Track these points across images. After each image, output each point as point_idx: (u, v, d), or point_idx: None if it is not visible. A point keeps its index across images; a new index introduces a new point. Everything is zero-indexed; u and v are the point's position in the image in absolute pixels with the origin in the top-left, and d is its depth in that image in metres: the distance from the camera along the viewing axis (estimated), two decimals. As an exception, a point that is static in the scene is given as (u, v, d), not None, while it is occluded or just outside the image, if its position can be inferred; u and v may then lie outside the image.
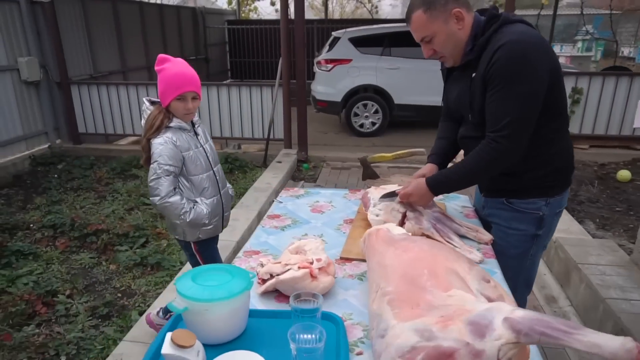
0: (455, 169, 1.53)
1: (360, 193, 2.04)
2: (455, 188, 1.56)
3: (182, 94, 1.82)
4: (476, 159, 1.47)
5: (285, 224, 1.74)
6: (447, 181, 1.53)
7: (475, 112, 1.49)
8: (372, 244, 1.25)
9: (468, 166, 1.49)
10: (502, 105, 1.38)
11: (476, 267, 1.03)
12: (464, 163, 1.50)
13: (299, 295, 1.07)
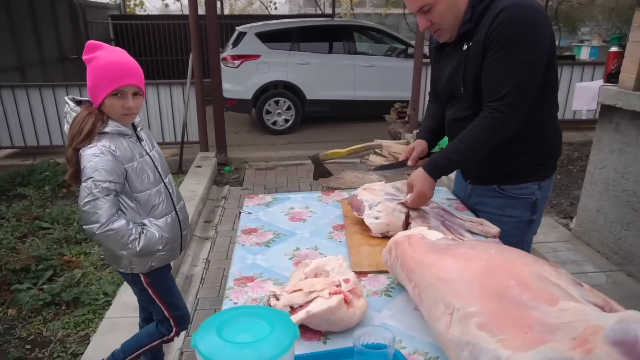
0: (454, 147, 1.41)
1: (334, 194, 1.84)
2: (455, 168, 1.46)
3: (120, 88, 1.44)
4: (477, 132, 1.37)
5: (268, 238, 1.47)
6: (447, 163, 1.42)
7: (468, 85, 1.40)
8: (410, 255, 1.06)
9: (468, 142, 1.38)
10: (504, 72, 1.31)
11: (560, 268, 0.89)
12: (462, 140, 1.39)
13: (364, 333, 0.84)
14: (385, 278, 1.23)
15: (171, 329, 1.73)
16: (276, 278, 1.23)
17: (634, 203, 2.24)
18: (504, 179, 1.50)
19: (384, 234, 1.43)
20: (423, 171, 1.42)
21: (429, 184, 1.42)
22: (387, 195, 1.50)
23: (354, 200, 1.55)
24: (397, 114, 5.70)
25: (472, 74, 1.38)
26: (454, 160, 1.41)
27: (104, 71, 1.42)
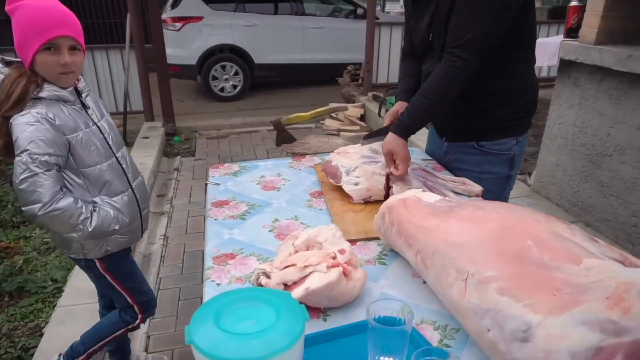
0: (419, 104, 1.34)
1: (306, 160, 1.73)
2: (423, 124, 1.38)
3: (52, 40, 1.21)
4: (439, 83, 1.31)
5: (242, 210, 1.35)
6: (415, 122, 1.35)
7: (443, 36, 1.33)
8: (408, 219, 0.98)
9: (431, 95, 1.32)
10: (469, 18, 1.25)
11: (571, 224, 0.85)
12: (425, 94, 1.33)
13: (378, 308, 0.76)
14: (376, 245, 1.16)
15: (136, 316, 1.59)
16: (259, 253, 1.12)
17: (592, 156, 2.31)
18: (483, 134, 1.46)
19: (365, 200, 1.35)
20: (396, 136, 1.34)
21: (402, 143, 1.35)
22: (363, 158, 1.41)
23: (329, 167, 1.45)
24: (351, 76, 5.60)
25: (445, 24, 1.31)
26: (422, 118, 1.36)
27: (31, 21, 1.19)
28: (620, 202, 2.17)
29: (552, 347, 0.64)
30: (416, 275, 1.03)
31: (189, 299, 2.23)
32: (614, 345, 0.61)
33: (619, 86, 2.12)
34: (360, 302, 0.94)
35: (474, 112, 1.40)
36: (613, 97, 2.15)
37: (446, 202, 1.01)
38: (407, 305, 0.75)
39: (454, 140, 1.55)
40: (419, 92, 1.34)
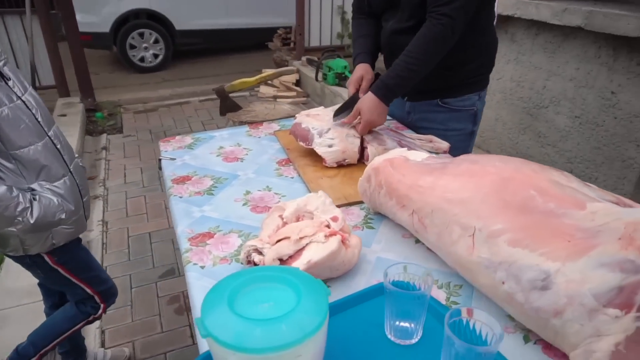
0: (402, 64, 1.28)
1: (264, 127, 1.63)
2: (406, 87, 1.33)
3: None
4: (425, 43, 1.26)
5: (208, 185, 1.24)
6: (397, 82, 1.30)
7: None
8: (398, 180, 0.95)
9: (417, 55, 1.26)
10: None
11: (563, 171, 0.87)
12: (410, 54, 1.27)
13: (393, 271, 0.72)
14: (359, 210, 1.12)
15: (98, 307, 1.45)
16: (239, 229, 1.04)
17: (529, 109, 2.44)
18: (447, 91, 1.46)
19: (339, 163, 1.30)
20: (373, 96, 1.29)
21: (380, 109, 1.30)
22: (336, 119, 1.35)
23: (299, 130, 1.37)
24: (281, 40, 5.41)
25: None
26: (405, 78, 1.29)
27: None
28: (557, 150, 2.33)
29: (574, 292, 0.65)
30: (407, 236, 1.01)
31: (143, 285, 2.08)
32: (635, 282, 0.62)
33: (553, 40, 2.23)
34: (358, 270, 0.91)
35: (439, 70, 1.37)
36: (548, 51, 2.26)
37: (434, 159, 0.99)
38: (427, 269, 0.72)
39: (416, 100, 1.53)
40: (404, 53, 1.28)
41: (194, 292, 0.85)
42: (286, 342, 0.55)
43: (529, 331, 0.75)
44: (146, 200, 2.80)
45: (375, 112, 1.30)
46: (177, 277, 2.13)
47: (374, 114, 1.30)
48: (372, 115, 1.30)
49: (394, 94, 1.32)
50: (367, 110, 1.30)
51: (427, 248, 0.96)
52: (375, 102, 1.30)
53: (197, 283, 0.87)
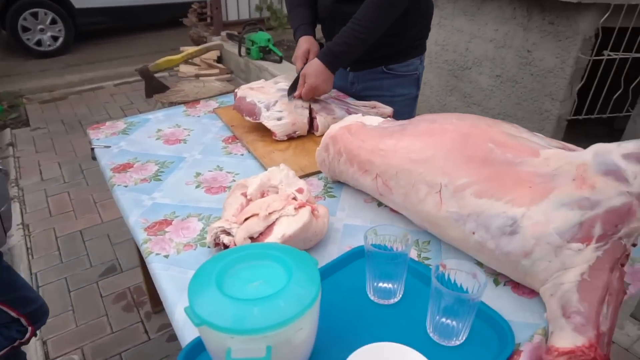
0: (350, 32, 1.26)
1: (202, 106, 1.55)
2: (353, 56, 1.31)
3: None
4: (374, 11, 1.24)
5: (153, 171, 1.16)
6: (345, 50, 1.28)
7: None
8: (358, 146, 0.95)
9: (365, 24, 1.25)
10: None
11: (513, 123, 0.91)
12: (358, 22, 1.25)
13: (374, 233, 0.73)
14: (317, 180, 1.12)
15: (25, 330, 1.30)
16: (198, 213, 0.99)
17: (454, 71, 2.56)
18: (392, 58, 1.46)
19: (290, 135, 1.28)
20: (319, 62, 1.27)
21: (325, 75, 1.28)
22: (281, 91, 1.32)
23: (244, 104, 1.32)
24: (197, 15, 5.13)
25: None
26: (352, 46, 1.27)
27: None
28: (482, 109, 2.48)
29: (541, 233, 0.70)
30: (368, 201, 1.02)
31: (82, 287, 1.93)
32: (592, 217, 0.68)
33: (472, 3, 2.33)
34: (328, 239, 0.91)
35: (384, 37, 1.36)
36: (468, 14, 2.36)
37: (390, 123, 1.00)
38: (402, 229, 0.73)
39: (360, 69, 1.52)
40: (352, 21, 1.25)
41: (163, 283, 0.80)
42: (287, 317, 0.53)
43: (498, 274, 0.80)
44: (70, 196, 2.57)
45: (320, 77, 1.28)
46: (120, 273, 2.01)
47: (319, 79, 1.28)
48: (318, 80, 1.28)
49: (340, 62, 1.31)
50: (312, 74, 1.27)
51: (390, 210, 0.98)
52: (321, 67, 1.28)
53: (164, 274, 0.82)
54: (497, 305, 0.73)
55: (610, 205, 0.68)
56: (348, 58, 1.31)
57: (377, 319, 0.72)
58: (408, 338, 0.68)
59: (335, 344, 0.67)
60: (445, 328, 0.66)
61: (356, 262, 0.83)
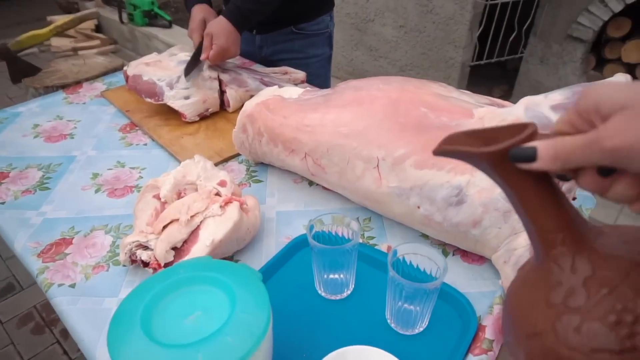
0: None
1: (85, 90, 1.33)
2: (262, 15, 1.19)
3: None
4: None
5: (37, 178, 0.96)
6: (254, 9, 1.15)
7: None
8: (280, 123, 0.85)
9: None
10: None
11: (440, 82, 0.87)
12: None
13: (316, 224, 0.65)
14: (238, 164, 1.01)
15: None
16: (103, 224, 0.84)
17: (357, 24, 2.49)
18: (301, 16, 1.35)
19: (201, 115, 1.13)
20: (226, 20, 1.12)
21: (235, 36, 1.14)
22: (183, 64, 1.15)
23: (140, 84, 1.14)
24: (62, -22, 4.44)
25: None
26: (262, 3, 1.15)
27: None
28: (389, 61, 2.46)
29: (487, 199, 0.67)
30: (298, 181, 0.94)
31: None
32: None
33: (367, -49, 2.25)
34: (262, 232, 0.82)
35: None
36: (364, -37, 2.28)
37: (312, 93, 0.91)
38: (349, 218, 0.66)
39: (268, 31, 1.39)
40: None
41: (73, 321, 0.66)
42: (240, 355, 0.45)
43: (446, 244, 0.77)
44: None
45: (230, 37, 1.13)
46: (20, 291, 1.74)
47: (229, 40, 1.13)
48: (228, 40, 1.13)
49: (248, 22, 1.17)
50: (221, 34, 1.11)
51: (323, 188, 0.91)
52: (229, 27, 1.13)
53: (73, 309, 0.68)
54: (450, 278, 0.70)
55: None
56: (256, 17, 1.18)
57: (332, 316, 0.66)
58: (369, 332, 0.63)
59: (292, 356, 0.60)
60: (406, 317, 0.62)
61: (298, 254, 0.76)
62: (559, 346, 0.29)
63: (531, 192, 0.32)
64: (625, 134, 0.25)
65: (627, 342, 0.26)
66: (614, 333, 0.27)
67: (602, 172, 0.28)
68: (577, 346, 0.28)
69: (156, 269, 0.70)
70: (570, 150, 0.28)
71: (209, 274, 0.53)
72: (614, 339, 0.26)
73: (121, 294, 0.70)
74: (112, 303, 0.68)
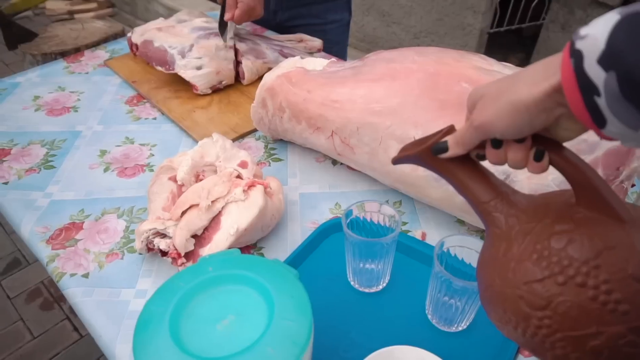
0: None
1: (87, 58, 1.24)
2: None
3: None
4: None
5: (41, 155, 0.90)
6: None
7: None
8: (304, 98, 0.78)
9: None
10: None
11: (477, 52, 0.79)
12: None
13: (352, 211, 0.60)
14: (255, 140, 0.94)
15: None
16: (115, 206, 0.78)
17: (370, -13, 2.36)
18: None
19: (214, 87, 1.06)
20: None
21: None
22: (197, 31, 1.06)
23: (151, 51, 1.06)
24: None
25: None
26: None
27: None
28: (402, 27, 2.34)
29: (538, 185, 0.61)
30: (321, 160, 0.88)
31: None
32: (592, 161, 0.61)
33: None
34: (286, 217, 0.76)
35: None
36: None
37: (337, 65, 0.83)
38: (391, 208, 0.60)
39: None
40: None
41: (89, 315, 0.62)
42: (282, 369, 0.40)
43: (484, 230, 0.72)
44: None
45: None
46: (27, 266, 1.71)
47: None
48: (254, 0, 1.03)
49: None
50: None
51: (348, 168, 0.85)
52: None
53: (88, 301, 0.63)
54: (493, 269, 0.65)
55: (610, 146, 0.61)
56: None
57: (367, 310, 0.61)
58: (408, 329, 0.59)
59: (329, 357, 0.56)
60: (450, 314, 0.57)
61: (327, 242, 0.71)
62: (503, 288, 0.36)
63: (460, 175, 0.41)
64: (482, 113, 0.35)
65: (546, 271, 0.33)
66: (536, 267, 0.34)
67: (493, 144, 0.36)
68: (514, 284, 0.35)
69: (175, 259, 0.65)
70: (461, 136, 0.38)
71: (241, 272, 0.48)
72: (537, 271, 0.34)
73: (139, 285, 0.65)
74: (129, 295, 0.64)
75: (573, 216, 0.35)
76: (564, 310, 0.32)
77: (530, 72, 0.33)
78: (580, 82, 0.28)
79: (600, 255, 0.32)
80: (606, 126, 0.29)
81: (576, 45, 0.28)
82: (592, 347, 0.32)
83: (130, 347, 0.57)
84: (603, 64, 0.27)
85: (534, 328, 0.34)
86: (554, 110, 0.32)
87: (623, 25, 0.26)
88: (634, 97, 0.26)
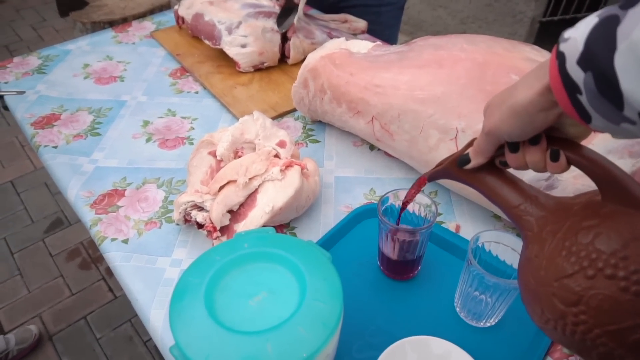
0: None
1: (134, 28, 1.27)
2: None
3: None
4: None
5: (88, 122, 0.94)
6: None
7: None
8: (347, 81, 0.77)
9: None
10: None
11: (528, 43, 0.76)
12: None
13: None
14: (294, 120, 0.94)
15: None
16: (156, 177, 0.81)
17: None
18: None
19: (257, 67, 1.06)
20: None
21: None
22: (247, 8, 1.06)
23: (200, 24, 1.07)
24: None
25: None
26: None
27: None
28: (449, 11, 2.27)
29: (584, 186, 0.59)
30: (358, 144, 0.88)
31: (27, 247, 1.72)
32: (646, 164, 0.58)
33: None
34: (320, 199, 0.77)
35: None
36: None
37: (382, 48, 0.82)
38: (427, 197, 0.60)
39: None
40: None
41: (127, 279, 0.64)
42: (312, 350, 0.41)
43: (521, 229, 0.70)
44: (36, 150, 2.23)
45: None
46: (68, 226, 1.80)
47: None
48: None
49: None
50: None
51: (385, 154, 0.84)
52: None
53: (127, 266, 0.66)
54: (527, 268, 0.64)
55: (667, 148, 0.58)
56: None
57: (396, 298, 0.62)
58: (435, 321, 0.59)
59: (353, 341, 0.56)
60: (479, 309, 0.57)
61: (359, 226, 0.71)
62: (537, 287, 0.37)
63: (489, 183, 0.43)
64: (489, 120, 0.38)
65: (576, 266, 0.34)
66: (565, 262, 0.34)
67: (510, 149, 0.38)
68: (547, 282, 0.36)
69: (211, 232, 0.66)
70: (477, 145, 0.41)
71: (275, 250, 0.48)
72: (567, 266, 0.34)
73: (174, 254, 0.67)
74: (165, 263, 0.66)
75: (599, 211, 0.35)
76: (597, 304, 0.32)
77: (527, 77, 0.35)
78: (565, 82, 0.30)
79: (627, 247, 0.32)
80: (592, 121, 0.31)
81: (560, 48, 0.30)
82: (633, 341, 0.31)
83: (163, 312, 0.60)
84: (582, 65, 0.28)
85: (572, 325, 0.34)
86: (552, 109, 0.33)
87: (599, 27, 0.27)
88: (610, 94, 0.28)
